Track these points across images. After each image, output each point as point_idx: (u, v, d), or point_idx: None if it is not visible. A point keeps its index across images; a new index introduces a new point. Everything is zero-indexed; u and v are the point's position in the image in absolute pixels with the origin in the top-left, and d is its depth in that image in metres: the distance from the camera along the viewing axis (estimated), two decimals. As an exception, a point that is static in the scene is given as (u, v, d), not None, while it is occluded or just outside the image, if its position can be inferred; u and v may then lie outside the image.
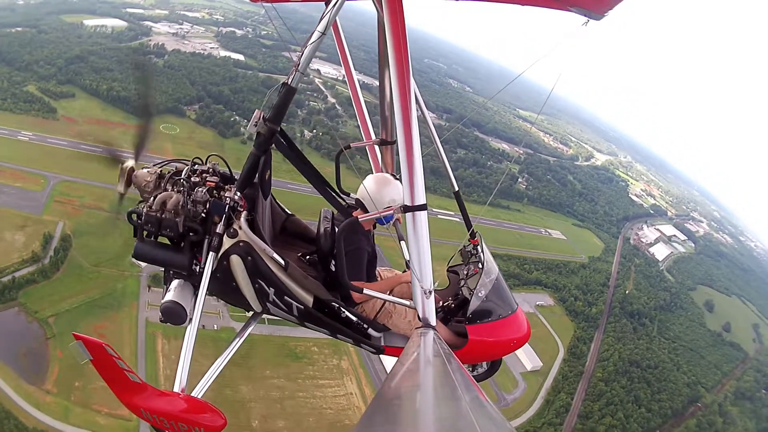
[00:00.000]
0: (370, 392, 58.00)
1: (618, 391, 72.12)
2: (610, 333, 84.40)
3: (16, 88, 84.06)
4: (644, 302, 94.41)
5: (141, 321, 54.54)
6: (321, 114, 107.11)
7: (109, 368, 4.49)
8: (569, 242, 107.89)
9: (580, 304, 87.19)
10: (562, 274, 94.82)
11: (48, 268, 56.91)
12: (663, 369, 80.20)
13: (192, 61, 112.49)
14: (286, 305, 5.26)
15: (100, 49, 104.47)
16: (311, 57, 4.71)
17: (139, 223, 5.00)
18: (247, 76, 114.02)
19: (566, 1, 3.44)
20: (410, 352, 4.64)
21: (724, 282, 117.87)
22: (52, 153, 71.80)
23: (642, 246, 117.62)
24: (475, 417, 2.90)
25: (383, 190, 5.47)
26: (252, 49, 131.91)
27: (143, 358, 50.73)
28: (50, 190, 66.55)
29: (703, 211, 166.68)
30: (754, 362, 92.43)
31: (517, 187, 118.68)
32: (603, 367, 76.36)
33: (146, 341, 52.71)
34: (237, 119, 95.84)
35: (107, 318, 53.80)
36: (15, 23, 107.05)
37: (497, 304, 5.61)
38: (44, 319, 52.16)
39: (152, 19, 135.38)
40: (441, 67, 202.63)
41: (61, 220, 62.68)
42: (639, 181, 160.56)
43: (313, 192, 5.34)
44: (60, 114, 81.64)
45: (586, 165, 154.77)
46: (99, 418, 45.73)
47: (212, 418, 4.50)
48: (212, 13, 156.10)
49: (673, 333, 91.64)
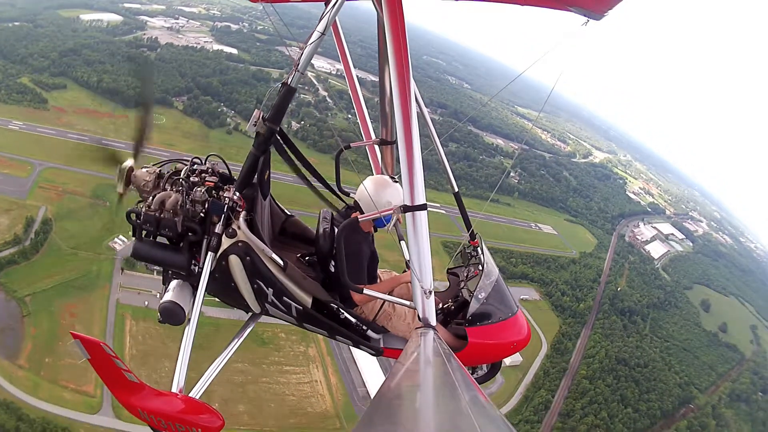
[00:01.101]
0: (336, 381, 58.96)
1: (603, 390, 71.65)
2: (598, 330, 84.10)
3: (10, 80, 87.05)
4: (636, 299, 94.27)
5: (112, 302, 56.84)
6: (311, 106, 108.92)
7: (106, 367, 4.58)
8: (560, 237, 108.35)
9: (567, 300, 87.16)
10: (551, 268, 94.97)
11: (28, 250, 59.46)
12: (653, 368, 79.85)
13: (183, 54, 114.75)
14: (284, 306, 5.35)
15: (93, 42, 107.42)
16: (311, 57, 4.83)
17: (138, 223, 5.11)
18: (238, 69, 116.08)
19: (566, 1, 3.50)
20: (410, 351, 4.69)
21: (722, 282, 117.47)
22: (39, 141, 74.73)
23: (637, 243, 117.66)
24: (475, 416, 2.99)
25: (380, 193, 5.51)
26: (246, 44, 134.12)
27: (111, 337, 52.70)
28: (35, 177, 69.30)
29: (703, 211, 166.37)
30: (750, 364, 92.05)
31: (509, 181, 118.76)
32: (588, 365, 75.87)
33: (116, 321, 54.96)
34: (224, 110, 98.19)
35: (80, 298, 56.07)
36: (13, 18, 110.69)
37: (497, 307, 5.67)
38: (21, 298, 54.58)
39: (148, 13, 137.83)
40: (440, 63, 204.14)
41: (44, 205, 65.31)
42: (638, 179, 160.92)
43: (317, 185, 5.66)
44: (50, 105, 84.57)
45: (584, 162, 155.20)
46: (65, 393, 48.05)
47: (210, 418, 4.56)
48: (209, 9, 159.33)
49: (666, 332, 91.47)
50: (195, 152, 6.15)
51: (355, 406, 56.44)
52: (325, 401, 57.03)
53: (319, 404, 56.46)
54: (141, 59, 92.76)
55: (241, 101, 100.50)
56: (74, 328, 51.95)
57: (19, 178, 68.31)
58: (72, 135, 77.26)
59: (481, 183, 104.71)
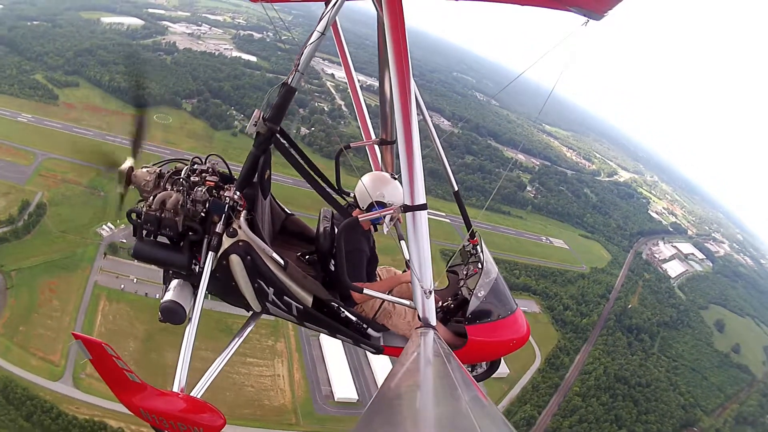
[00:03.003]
0: (300, 377, 60.35)
1: (595, 408, 70.39)
2: (600, 346, 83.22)
3: (24, 75, 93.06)
4: (647, 317, 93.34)
5: (91, 283, 60.83)
6: (324, 114, 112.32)
7: (108, 367, 4.65)
8: (571, 251, 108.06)
9: (570, 314, 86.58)
10: (557, 282, 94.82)
11: (20, 230, 64.24)
12: (656, 388, 78.31)
13: (200, 59, 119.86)
14: (285, 305, 5.45)
15: (109, 44, 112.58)
16: (311, 57, 4.93)
17: (139, 223, 5.20)
18: (253, 75, 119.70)
19: (566, 1, 3.54)
20: (410, 351, 4.78)
21: (739, 302, 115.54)
22: (46, 133, 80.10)
23: (655, 261, 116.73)
24: (475, 416, 3.04)
25: (376, 187, 5.67)
26: (266, 52, 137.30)
27: (84, 314, 56.79)
28: (37, 165, 74.37)
29: (726, 233, 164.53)
30: (761, 386, 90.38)
31: (524, 195, 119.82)
32: (583, 381, 74.94)
33: (91, 300, 58.76)
34: (233, 113, 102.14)
35: (62, 277, 60.12)
36: (33, 17, 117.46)
37: (496, 305, 5.78)
38: (8, 272, 59.22)
39: (171, 19, 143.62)
40: (468, 80, 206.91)
41: (41, 191, 70.20)
42: (662, 200, 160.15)
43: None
44: (61, 101, 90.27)
45: (607, 180, 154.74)
46: (33, 359, 51.97)
47: (211, 417, 4.67)
48: (235, 17, 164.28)
49: (675, 351, 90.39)
50: (197, 152, 6.48)
51: (315, 404, 57.96)
52: (284, 396, 58.18)
53: (277, 398, 57.64)
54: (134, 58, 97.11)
55: (250, 105, 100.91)
56: (51, 303, 56.62)
57: (22, 165, 73.50)
58: (77, 129, 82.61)
59: (494, 195, 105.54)
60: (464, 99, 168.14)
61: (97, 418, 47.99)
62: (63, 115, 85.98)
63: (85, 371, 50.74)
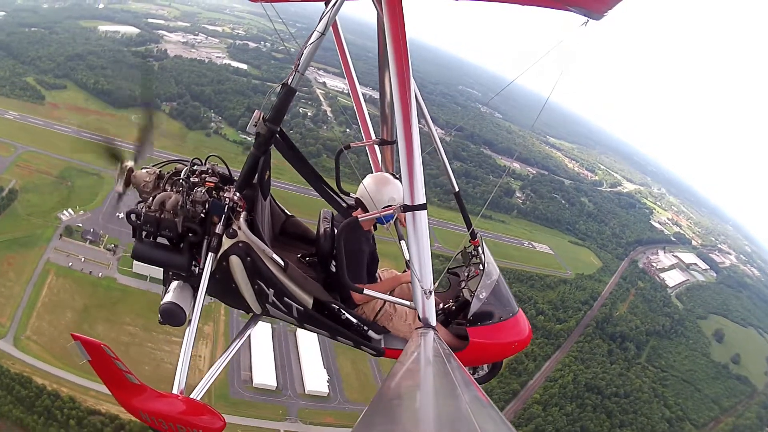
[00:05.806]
0: (222, 361, 64.77)
1: (556, 417, 70.06)
2: (574, 353, 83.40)
3: (16, 77, 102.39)
4: (634, 326, 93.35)
5: (43, 259, 68.71)
6: (306, 118, 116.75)
7: (107, 369, 4.87)
8: (556, 257, 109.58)
9: (542, 319, 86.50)
10: (535, 287, 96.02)
11: (-10, 212, 72.81)
12: (635, 399, 77.88)
13: (187, 66, 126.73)
14: (285, 306, 5.64)
15: (100, 50, 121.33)
16: (311, 57, 5.09)
17: (138, 224, 5.36)
18: (238, 81, 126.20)
19: (566, 0, 3.67)
20: (410, 351, 4.89)
21: (742, 312, 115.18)
22: (28, 129, 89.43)
23: (652, 270, 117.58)
24: (475, 417, 3.13)
25: (383, 189, 5.82)
26: (259, 60, 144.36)
27: (32, 286, 64.53)
28: (15, 157, 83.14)
29: (734, 245, 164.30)
30: (761, 397, 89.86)
31: (511, 200, 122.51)
32: (546, 389, 74.77)
33: (41, 274, 66.49)
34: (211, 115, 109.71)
35: (20, 253, 68.01)
36: (32, 24, 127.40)
37: (498, 307, 6.00)
38: (-27, 247, 67.75)
39: (169, 29, 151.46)
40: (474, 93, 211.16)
41: (14, 179, 78.64)
42: (667, 211, 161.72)
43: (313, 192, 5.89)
44: (47, 101, 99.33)
45: (609, 191, 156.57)
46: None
47: (210, 419, 4.87)
48: (235, 29, 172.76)
49: (665, 361, 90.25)
50: (168, 150, 9.05)
51: (232, 387, 61.45)
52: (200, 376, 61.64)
53: (193, 378, 61.79)
54: (143, 66, 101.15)
55: (229, 108, 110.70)
56: (8, 275, 64.65)
57: (1, 156, 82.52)
58: (57, 126, 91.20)
59: (477, 199, 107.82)
60: (464, 110, 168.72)
61: (26, 374, 54.39)
62: (47, 113, 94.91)
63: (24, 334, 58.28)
